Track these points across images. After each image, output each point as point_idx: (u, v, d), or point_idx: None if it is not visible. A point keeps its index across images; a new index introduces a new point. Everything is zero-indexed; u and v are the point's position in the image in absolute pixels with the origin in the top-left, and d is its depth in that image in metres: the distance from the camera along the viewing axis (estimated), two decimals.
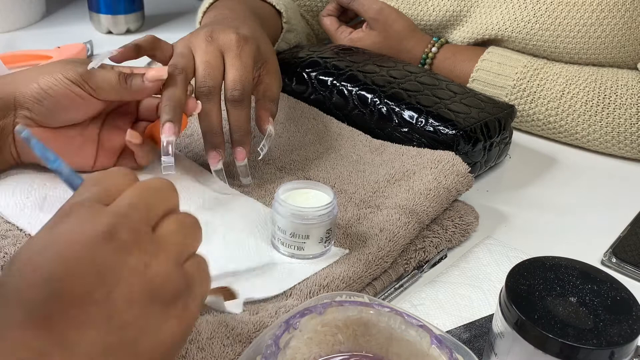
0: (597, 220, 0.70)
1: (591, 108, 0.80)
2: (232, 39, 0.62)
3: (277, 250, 0.57)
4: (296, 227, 0.54)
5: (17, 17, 1.11)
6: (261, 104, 0.64)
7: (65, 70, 0.57)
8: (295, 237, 0.55)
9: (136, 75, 0.58)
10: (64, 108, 0.58)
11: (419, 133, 0.72)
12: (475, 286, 0.58)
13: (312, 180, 0.63)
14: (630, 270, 0.62)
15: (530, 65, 0.83)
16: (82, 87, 0.57)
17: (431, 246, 0.61)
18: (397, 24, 0.90)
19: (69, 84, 0.57)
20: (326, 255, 0.56)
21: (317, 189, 0.57)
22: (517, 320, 0.42)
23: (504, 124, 0.74)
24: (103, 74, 0.58)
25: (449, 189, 0.64)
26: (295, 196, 0.56)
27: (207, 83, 0.60)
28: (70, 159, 0.61)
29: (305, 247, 0.55)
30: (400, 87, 0.76)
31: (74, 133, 0.60)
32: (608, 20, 0.81)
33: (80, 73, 0.57)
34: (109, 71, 0.58)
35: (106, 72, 0.58)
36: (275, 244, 0.57)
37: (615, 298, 0.43)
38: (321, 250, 0.56)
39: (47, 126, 0.59)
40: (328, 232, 0.55)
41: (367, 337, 0.45)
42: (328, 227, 0.55)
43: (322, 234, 0.55)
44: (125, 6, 1.10)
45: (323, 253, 0.56)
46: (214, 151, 0.61)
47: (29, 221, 0.55)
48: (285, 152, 0.71)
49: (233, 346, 0.47)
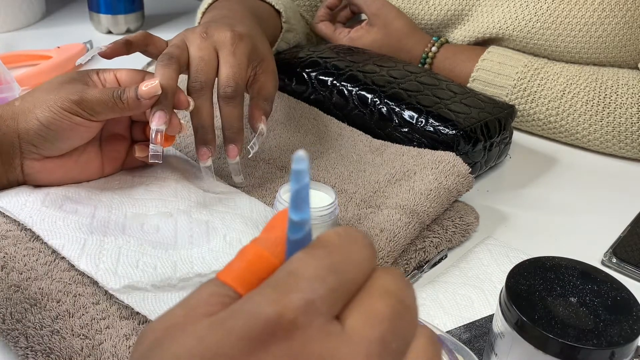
0: (597, 220, 0.70)
1: (592, 108, 0.80)
2: (227, 36, 0.62)
3: None
4: None
5: (17, 17, 1.11)
6: (255, 103, 0.64)
7: (60, 100, 0.55)
8: None
9: (129, 90, 0.57)
10: (68, 138, 0.57)
11: (419, 133, 0.72)
12: (476, 286, 0.58)
13: (314, 181, 0.63)
14: (630, 270, 0.62)
15: (530, 65, 0.83)
16: (81, 115, 0.56)
17: (431, 246, 0.61)
18: (398, 22, 0.90)
19: (67, 116, 0.55)
20: None
21: (319, 189, 0.57)
22: (518, 320, 0.42)
23: (504, 124, 0.74)
24: (97, 97, 0.56)
25: (450, 190, 0.64)
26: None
27: (200, 78, 0.60)
28: (79, 177, 0.61)
29: None
30: (400, 87, 0.76)
31: (78, 154, 0.59)
32: (609, 20, 0.81)
33: (74, 101, 0.55)
34: (101, 93, 0.56)
35: (99, 94, 0.56)
36: None
37: (615, 298, 0.43)
38: None
39: (53, 156, 0.58)
40: None
41: None
42: (330, 227, 0.55)
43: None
44: (125, 6, 1.10)
45: None
46: (204, 147, 0.61)
47: (30, 215, 0.55)
48: (286, 151, 0.71)
49: None
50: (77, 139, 0.58)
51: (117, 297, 0.48)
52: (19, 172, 0.58)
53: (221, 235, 0.57)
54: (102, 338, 0.46)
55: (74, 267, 0.51)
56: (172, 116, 0.58)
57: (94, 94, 0.56)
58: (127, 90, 0.57)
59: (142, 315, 0.48)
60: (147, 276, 0.50)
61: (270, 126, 0.75)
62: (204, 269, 0.53)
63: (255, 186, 0.65)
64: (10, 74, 0.79)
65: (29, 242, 0.53)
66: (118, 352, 0.45)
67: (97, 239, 0.53)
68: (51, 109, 0.55)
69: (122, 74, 0.60)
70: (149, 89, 0.56)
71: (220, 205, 0.61)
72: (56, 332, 0.47)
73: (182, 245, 0.55)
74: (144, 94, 0.56)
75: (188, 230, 0.57)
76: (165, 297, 0.49)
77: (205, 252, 0.55)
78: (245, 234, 0.58)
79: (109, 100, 0.56)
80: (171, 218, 0.58)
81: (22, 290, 0.49)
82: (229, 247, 0.56)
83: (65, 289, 0.49)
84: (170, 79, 0.58)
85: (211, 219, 0.59)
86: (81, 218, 0.55)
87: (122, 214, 0.57)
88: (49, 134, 0.56)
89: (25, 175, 0.58)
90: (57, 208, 0.56)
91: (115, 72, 0.60)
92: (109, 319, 0.48)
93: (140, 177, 0.63)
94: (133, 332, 0.47)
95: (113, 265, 0.51)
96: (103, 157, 0.62)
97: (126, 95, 0.56)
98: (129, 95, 0.56)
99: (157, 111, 0.57)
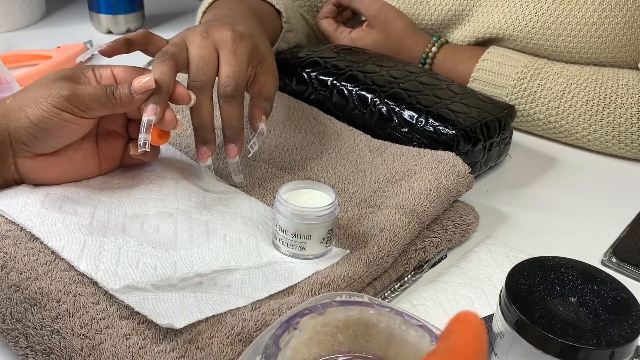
0: (597, 220, 0.70)
1: (592, 108, 0.80)
2: (227, 36, 0.62)
3: (278, 250, 0.57)
4: (298, 227, 0.55)
5: (17, 17, 1.11)
6: (255, 102, 0.64)
7: (51, 97, 0.55)
8: (296, 237, 0.55)
9: (122, 86, 0.56)
10: (59, 136, 0.56)
11: (419, 133, 0.72)
12: (476, 286, 0.58)
13: (313, 180, 0.63)
14: (630, 270, 0.62)
15: (530, 65, 0.83)
16: (72, 112, 0.55)
17: (431, 246, 0.61)
18: (397, 23, 0.90)
19: (58, 113, 0.55)
20: (327, 255, 0.56)
21: (319, 189, 0.57)
22: (517, 320, 0.42)
23: (504, 124, 0.74)
24: (89, 93, 0.56)
25: (450, 190, 0.64)
26: (296, 196, 0.56)
27: (200, 78, 0.60)
28: (75, 175, 0.61)
29: (307, 247, 0.55)
30: (400, 87, 0.76)
31: (73, 151, 0.59)
32: (609, 20, 0.81)
33: (65, 97, 0.55)
34: (94, 89, 0.56)
35: (91, 90, 0.56)
36: (277, 244, 0.57)
37: (615, 298, 0.43)
38: (322, 250, 0.56)
39: (46, 153, 0.58)
40: (329, 233, 0.55)
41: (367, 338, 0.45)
42: (330, 228, 0.55)
43: (323, 234, 0.55)
44: (125, 6, 1.10)
45: (324, 253, 0.56)
46: (204, 147, 0.61)
47: (29, 218, 0.55)
48: (286, 151, 0.71)
49: (233, 346, 0.47)
50: (68, 137, 0.57)
51: (117, 297, 0.48)
52: (14, 170, 0.58)
53: (221, 235, 0.57)
54: (102, 338, 0.46)
55: (74, 267, 0.51)
56: (166, 111, 0.58)
57: (85, 90, 0.56)
58: (120, 86, 0.56)
59: (142, 315, 0.48)
60: (147, 276, 0.50)
61: (270, 126, 0.75)
62: (204, 269, 0.53)
63: (255, 186, 0.65)
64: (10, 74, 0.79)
65: (29, 242, 0.53)
66: (118, 352, 0.45)
67: (96, 240, 0.53)
68: (41, 106, 0.55)
69: (120, 70, 0.60)
70: (142, 84, 0.56)
71: (220, 205, 0.61)
72: (56, 332, 0.47)
73: (182, 245, 0.55)
74: (137, 89, 0.56)
75: (188, 230, 0.57)
76: (165, 297, 0.49)
77: (205, 252, 0.55)
78: (245, 234, 0.58)
79: (101, 96, 0.56)
80: (171, 218, 0.58)
81: (22, 290, 0.49)
82: (229, 247, 0.56)
83: (65, 289, 0.49)
84: (165, 74, 0.58)
85: (211, 219, 0.59)
86: (81, 219, 0.55)
87: (122, 214, 0.57)
88: (39, 132, 0.55)
89: (21, 174, 0.58)
90: (57, 209, 0.56)
91: (113, 68, 0.60)
92: (109, 319, 0.48)
93: (140, 177, 0.63)
94: (133, 332, 0.47)
95: (113, 265, 0.51)
96: (99, 155, 0.62)
97: (119, 91, 0.56)
98: (122, 92, 0.56)
99: (150, 103, 0.57)
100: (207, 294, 0.51)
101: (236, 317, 0.49)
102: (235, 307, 0.50)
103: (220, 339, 0.47)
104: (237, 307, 0.50)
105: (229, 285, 0.52)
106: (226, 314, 0.49)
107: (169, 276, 0.51)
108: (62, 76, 0.58)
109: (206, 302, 0.50)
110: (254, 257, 0.56)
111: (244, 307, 0.50)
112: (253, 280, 0.53)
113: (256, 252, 0.56)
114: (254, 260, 0.55)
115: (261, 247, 0.57)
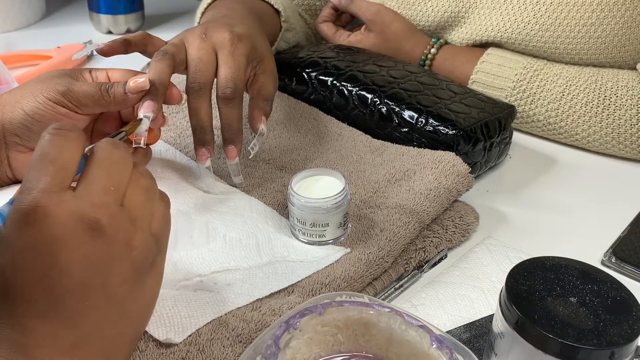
0: (597, 220, 0.70)
1: (591, 109, 0.80)
2: (226, 37, 0.62)
3: (296, 238, 0.59)
4: (316, 218, 0.57)
5: (17, 17, 1.11)
6: (255, 103, 0.64)
7: (47, 90, 0.56)
8: (315, 226, 0.57)
9: (117, 85, 0.57)
10: None
11: (419, 133, 0.72)
12: (476, 286, 0.58)
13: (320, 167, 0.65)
14: (630, 270, 0.62)
15: (529, 67, 0.83)
16: (66, 107, 0.56)
17: (431, 246, 0.62)
18: (395, 25, 0.90)
19: (52, 106, 0.55)
20: (344, 237, 0.59)
21: (327, 174, 0.60)
22: (517, 320, 0.42)
23: (504, 124, 0.74)
24: (84, 90, 0.56)
25: (450, 190, 0.64)
26: (307, 185, 0.59)
27: (198, 79, 0.60)
28: None
29: (327, 234, 0.58)
30: (400, 87, 0.76)
31: None
32: (608, 20, 0.81)
33: (61, 92, 0.55)
34: (89, 85, 0.57)
35: (86, 86, 0.56)
36: (295, 234, 0.59)
37: (615, 298, 0.43)
38: (341, 233, 0.58)
39: None
40: (345, 216, 0.58)
41: (367, 338, 0.45)
42: (345, 212, 0.58)
43: (340, 219, 0.57)
44: (125, 6, 1.10)
45: (342, 235, 0.59)
46: (203, 148, 0.61)
47: None
48: (286, 151, 0.71)
49: (233, 347, 0.47)
50: None
51: None
52: (6, 165, 0.58)
53: (221, 236, 0.57)
54: None
55: None
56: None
57: (81, 86, 0.56)
58: (115, 84, 0.57)
59: None
60: None
61: (270, 126, 0.75)
62: (204, 269, 0.53)
63: (254, 186, 0.65)
64: (10, 74, 0.79)
65: None
66: None
67: None
68: (37, 98, 0.56)
69: (115, 73, 0.60)
70: (137, 84, 0.56)
71: (220, 206, 0.61)
72: None
73: (182, 245, 0.55)
74: (131, 89, 0.56)
75: (188, 231, 0.57)
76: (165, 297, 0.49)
77: (205, 253, 0.55)
78: (245, 234, 0.58)
79: (95, 93, 0.56)
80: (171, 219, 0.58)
81: None
82: (229, 248, 0.56)
83: None
84: (161, 72, 0.58)
85: (211, 220, 0.59)
86: None
87: None
88: (33, 124, 0.56)
89: (13, 169, 0.58)
90: None
91: (108, 71, 0.60)
92: None
93: None
94: None
95: None
96: None
97: (114, 89, 0.57)
98: (117, 90, 0.56)
99: (147, 100, 0.57)
100: (208, 293, 0.51)
101: (237, 318, 0.49)
102: (236, 307, 0.50)
103: (221, 341, 0.47)
104: (238, 307, 0.50)
105: (229, 284, 0.52)
106: (227, 315, 0.49)
107: (169, 277, 0.51)
108: (61, 73, 0.58)
109: (207, 303, 0.50)
110: (254, 256, 0.56)
111: (245, 307, 0.50)
112: (253, 279, 0.53)
113: (256, 251, 0.56)
114: (254, 260, 0.55)
115: (261, 247, 0.57)
